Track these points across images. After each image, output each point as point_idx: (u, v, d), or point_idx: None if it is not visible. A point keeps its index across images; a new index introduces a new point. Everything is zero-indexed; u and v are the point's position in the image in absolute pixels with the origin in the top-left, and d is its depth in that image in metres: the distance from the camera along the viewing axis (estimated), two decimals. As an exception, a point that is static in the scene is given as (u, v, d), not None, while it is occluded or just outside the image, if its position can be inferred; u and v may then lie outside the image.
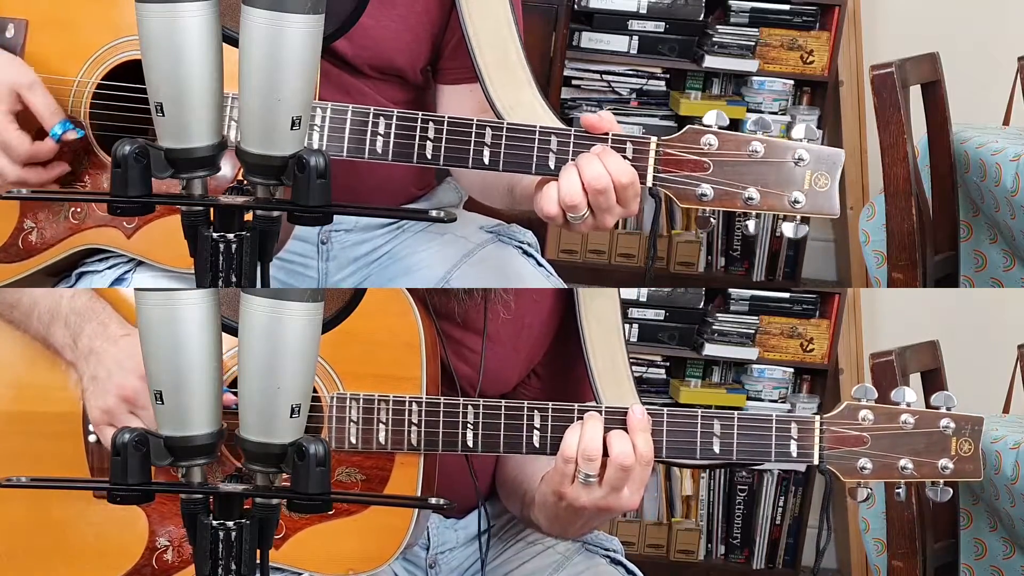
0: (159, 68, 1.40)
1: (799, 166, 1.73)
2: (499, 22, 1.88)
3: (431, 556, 1.97)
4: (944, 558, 2.89)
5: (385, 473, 1.80)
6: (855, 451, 1.77)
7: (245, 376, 1.42)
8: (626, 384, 1.85)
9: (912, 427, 1.77)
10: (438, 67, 2.06)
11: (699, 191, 1.74)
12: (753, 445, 1.78)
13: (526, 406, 1.78)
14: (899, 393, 1.79)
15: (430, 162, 1.77)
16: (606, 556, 2.00)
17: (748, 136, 1.74)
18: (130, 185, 1.43)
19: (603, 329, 1.87)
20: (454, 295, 1.89)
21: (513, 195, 1.90)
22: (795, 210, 1.73)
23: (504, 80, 1.85)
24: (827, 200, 1.73)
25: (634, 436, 1.76)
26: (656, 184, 1.75)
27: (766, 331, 3.76)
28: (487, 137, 1.76)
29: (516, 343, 1.95)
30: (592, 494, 1.76)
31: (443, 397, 1.79)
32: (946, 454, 1.77)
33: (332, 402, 1.79)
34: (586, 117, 1.75)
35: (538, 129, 1.75)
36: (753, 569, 3.86)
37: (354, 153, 1.78)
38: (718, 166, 1.74)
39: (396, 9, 1.98)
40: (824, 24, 3.80)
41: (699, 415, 1.79)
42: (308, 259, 2.06)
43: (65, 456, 1.83)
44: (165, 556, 1.83)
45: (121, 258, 1.91)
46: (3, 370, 1.86)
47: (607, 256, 3.84)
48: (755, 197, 1.73)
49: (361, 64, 1.98)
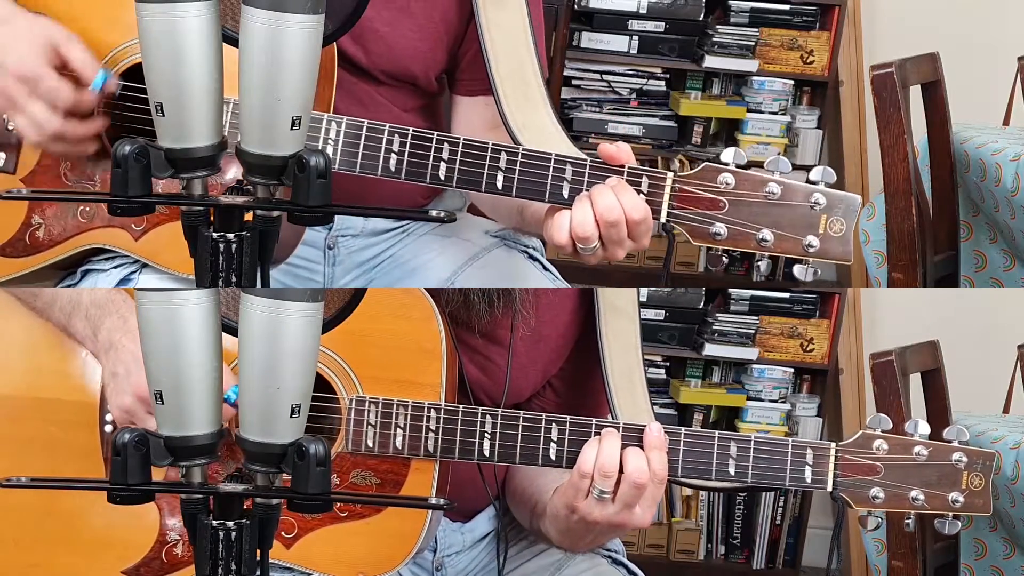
0: (159, 68, 1.40)
1: (815, 210, 1.71)
2: (517, 39, 1.87)
3: (438, 559, 1.97)
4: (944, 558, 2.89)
5: (400, 478, 1.81)
6: (868, 480, 1.78)
7: (245, 376, 1.42)
8: (642, 403, 1.85)
9: (925, 459, 1.78)
10: (454, 77, 2.05)
11: (713, 230, 1.72)
12: (768, 469, 1.79)
13: (544, 418, 1.79)
14: (912, 425, 1.80)
15: (443, 183, 1.76)
16: (607, 557, 2.00)
17: (766, 176, 1.71)
18: (130, 185, 1.43)
19: (622, 346, 1.87)
20: (475, 305, 1.89)
21: (523, 217, 1.89)
22: (809, 254, 1.72)
23: (519, 97, 1.83)
24: (841, 246, 1.72)
25: (650, 453, 1.76)
26: (670, 220, 1.73)
27: (766, 331, 3.76)
28: (502, 162, 1.75)
29: (533, 354, 1.95)
30: (605, 510, 1.76)
31: (462, 405, 1.80)
32: (957, 487, 1.78)
33: (351, 405, 1.79)
34: (604, 147, 1.73)
35: (554, 157, 1.74)
36: (753, 569, 3.86)
37: (367, 170, 1.78)
38: (734, 206, 1.72)
39: (414, 18, 1.97)
40: (824, 24, 3.80)
41: (716, 436, 1.79)
42: (314, 264, 2.06)
43: (79, 445, 1.83)
44: (175, 550, 1.83)
45: (127, 258, 1.91)
46: (23, 356, 1.86)
47: (607, 256, 3.84)
48: (769, 239, 1.71)
49: (376, 71, 1.97)
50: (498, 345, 1.92)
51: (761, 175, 1.71)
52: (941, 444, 1.79)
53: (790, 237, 1.71)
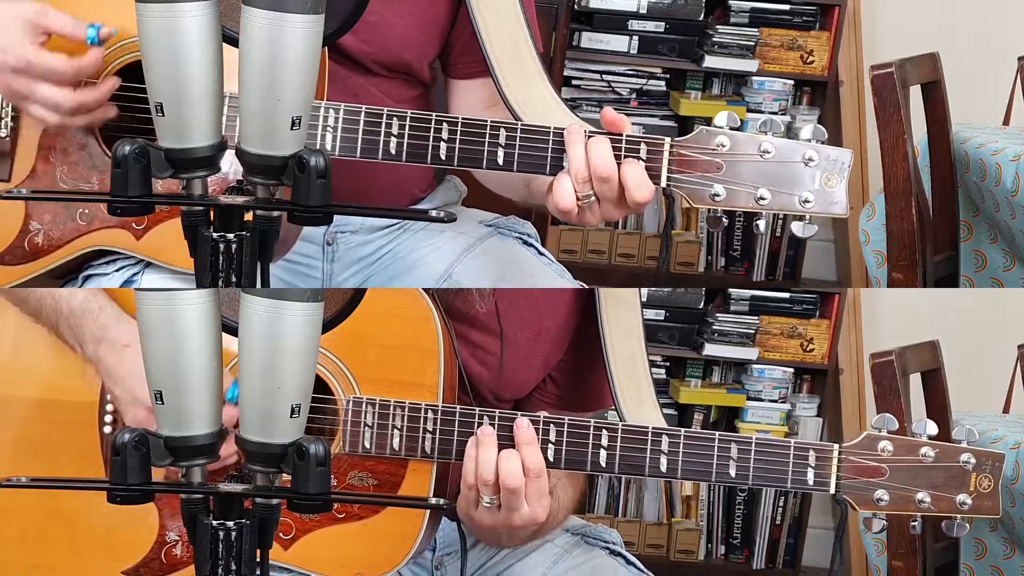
0: (159, 68, 1.40)
1: (809, 166, 1.75)
2: (509, 16, 1.88)
3: (437, 558, 1.97)
4: (944, 558, 2.89)
5: (397, 479, 1.81)
6: (873, 482, 1.76)
7: (245, 376, 1.42)
8: (646, 392, 1.85)
9: (932, 460, 1.75)
10: (449, 62, 2.06)
11: (712, 191, 1.75)
12: (769, 471, 1.77)
13: (541, 418, 1.78)
14: (920, 425, 1.77)
15: (444, 163, 1.77)
16: (605, 548, 2.00)
17: (759, 137, 1.76)
18: (130, 185, 1.43)
19: (624, 336, 1.87)
20: (472, 298, 1.89)
21: (529, 190, 1.91)
22: (805, 210, 1.75)
23: (516, 75, 1.85)
24: (836, 199, 1.76)
25: (521, 450, 1.75)
26: (670, 184, 1.76)
27: (766, 331, 3.76)
28: (501, 138, 1.76)
29: (534, 346, 1.95)
30: (495, 516, 1.76)
31: (459, 406, 1.80)
32: (965, 489, 1.75)
33: (348, 406, 1.79)
34: (607, 112, 1.76)
35: (552, 130, 1.76)
36: (753, 569, 3.86)
37: (368, 155, 1.78)
38: (730, 166, 1.75)
39: (404, 5, 1.98)
40: (824, 24, 3.80)
41: (716, 437, 1.78)
42: (313, 260, 2.06)
43: (79, 445, 1.83)
44: (174, 551, 1.83)
45: (129, 260, 1.90)
46: (28, 357, 1.86)
47: (607, 256, 3.84)
48: (767, 197, 1.75)
49: (369, 61, 1.97)
50: (498, 339, 1.92)
51: (756, 136, 1.76)
52: (949, 445, 1.76)
53: (787, 194, 1.75)
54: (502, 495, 1.75)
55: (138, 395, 1.76)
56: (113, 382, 1.79)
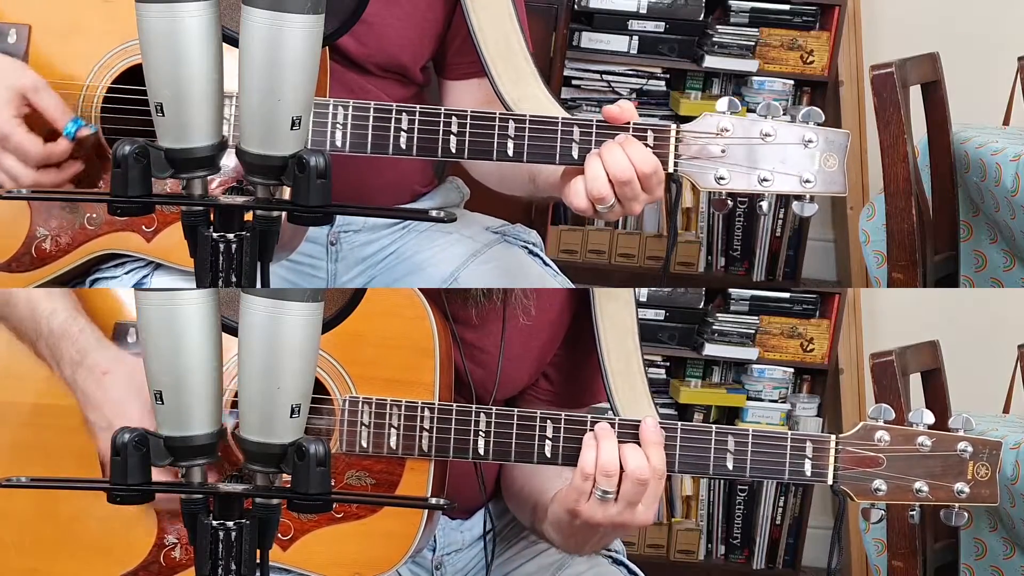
0: (159, 68, 1.40)
1: (809, 147, 1.79)
2: (502, 16, 1.90)
3: (437, 557, 1.97)
4: (944, 558, 2.89)
5: (395, 478, 1.80)
6: (870, 472, 1.76)
7: (245, 376, 1.42)
8: (640, 388, 1.85)
9: (929, 449, 1.76)
10: (444, 64, 2.07)
11: (718, 174, 1.79)
12: (767, 463, 1.78)
13: (538, 416, 1.78)
14: (917, 415, 1.78)
15: (455, 156, 1.79)
16: (608, 557, 2.00)
17: (761, 120, 1.81)
18: (130, 185, 1.43)
19: (618, 332, 1.88)
20: (471, 297, 1.89)
21: (536, 184, 1.92)
22: (807, 190, 1.79)
23: (510, 74, 1.87)
24: (836, 179, 1.80)
25: (647, 450, 1.75)
26: (677, 170, 1.80)
27: (766, 331, 3.76)
28: (510, 129, 1.78)
29: (528, 344, 1.95)
30: (608, 510, 1.75)
31: (455, 404, 1.79)
32: (962, 478, 1.76)
33: (344, 405, 1.79)
34: (607, 109, 1.78)
35: (560, 120, 1.78)
36: (753, 569, 3.86)
37: (378, 150, 1.79)
38: (734, 150, 1.79)
39: (400, 7, 1.98)
40: (824, 24, 3.80)
41: (713, 431, 1.78)
42: (317, 260, 2.07)
43: (75, 449, 1.82)
44: (173, 553, 1.83)
45: (139, 262, 1.90)
46: (23, 363, 1.85)
47: (607, 256, 3.84)
48: (770, 178, 1.79)
49: (366, 62, 1.98)
50: (492, 337, 1.92)
51: (758, 119, 1.81)
52: (945, 434, 1.77)
53: (789, 174, 1.79)
54: (628, 488, 1.74)
55: (114, 423, 1.74)
56: (91, 408, 1.77)
